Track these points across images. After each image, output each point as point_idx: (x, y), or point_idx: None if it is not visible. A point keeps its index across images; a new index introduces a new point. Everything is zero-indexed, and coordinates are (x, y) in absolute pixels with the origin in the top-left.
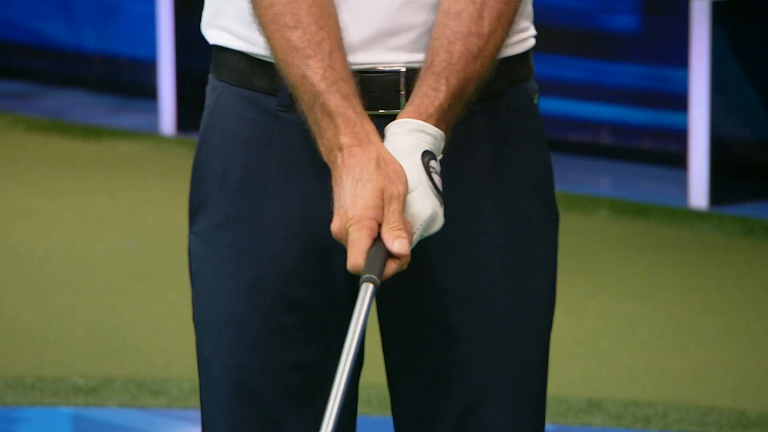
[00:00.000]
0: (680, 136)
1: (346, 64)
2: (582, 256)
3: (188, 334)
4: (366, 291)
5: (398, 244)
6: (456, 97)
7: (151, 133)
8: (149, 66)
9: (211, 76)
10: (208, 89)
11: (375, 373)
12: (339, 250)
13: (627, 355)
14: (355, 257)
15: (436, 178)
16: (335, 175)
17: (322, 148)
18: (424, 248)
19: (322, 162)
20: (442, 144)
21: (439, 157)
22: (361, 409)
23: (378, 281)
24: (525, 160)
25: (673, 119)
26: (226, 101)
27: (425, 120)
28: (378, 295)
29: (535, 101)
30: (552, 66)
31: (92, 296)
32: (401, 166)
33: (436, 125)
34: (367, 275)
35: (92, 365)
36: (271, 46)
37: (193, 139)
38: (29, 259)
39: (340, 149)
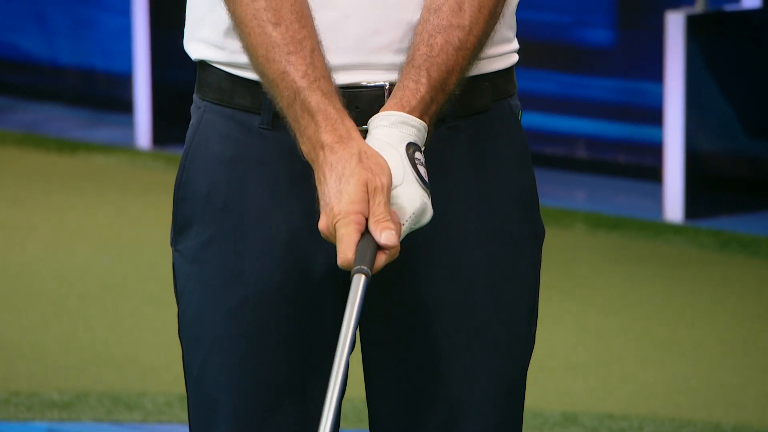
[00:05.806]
0: (655, 149)
1: (326, 63)
2: (557, 269)
3: (163, 348)
4: (359, 282)
5: (386, 235)
6: (438, 89)
7: (126, 146)
8: (125, 80)
9: (195, 96)
10: (192, 108)
11: (350, 387)
12: (325, 268)
13: (602, 368)
14: (345, 252)
15: (422, 170)
16: (318, 173)
17: (302, 146)
18: (406, 263)
19: (307, 180)
20: (426, 136)
21: (422, 149)
22: None
23: (369, 272)
24: (510, 176)
25: (648, 133)
26: (209, 120)
27: (409, 112)
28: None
29: (519, 117)
30: (527, 80)
31: (67, 310)
32: (384, 159)
33: (420, 118)
34: (359, 267)
35: (67, 379)
36: (250, 42)
37: (169, 153)
38: (3, 272)
39: (322, 147)
